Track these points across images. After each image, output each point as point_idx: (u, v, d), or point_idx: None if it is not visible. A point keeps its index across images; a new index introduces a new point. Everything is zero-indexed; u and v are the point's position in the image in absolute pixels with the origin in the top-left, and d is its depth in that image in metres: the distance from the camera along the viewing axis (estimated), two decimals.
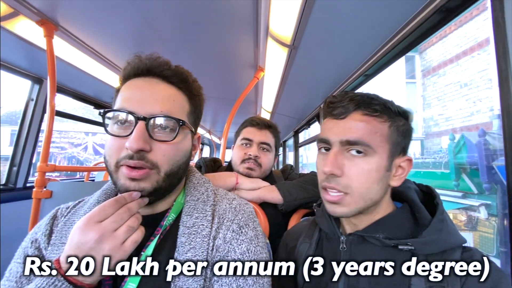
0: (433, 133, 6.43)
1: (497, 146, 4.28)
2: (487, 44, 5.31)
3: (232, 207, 0.59)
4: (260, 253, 0.54)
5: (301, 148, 3.64)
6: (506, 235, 3.99)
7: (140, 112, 0.50)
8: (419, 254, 0.51)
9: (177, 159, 0.54)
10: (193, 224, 0.53)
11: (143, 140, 0.49)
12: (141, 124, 0.49)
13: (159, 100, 0.52)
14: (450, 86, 6.31)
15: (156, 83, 0.54)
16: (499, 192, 4.13)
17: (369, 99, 0.56)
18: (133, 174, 0.49)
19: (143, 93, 0.52)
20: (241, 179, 1.02)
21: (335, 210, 0.56)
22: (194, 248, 0.51)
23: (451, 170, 5.34)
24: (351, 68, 1.30)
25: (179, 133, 0.53)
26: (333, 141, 0.56)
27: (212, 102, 2.80)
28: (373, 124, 0.55)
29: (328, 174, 0.55)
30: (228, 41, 1.43)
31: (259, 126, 1.10)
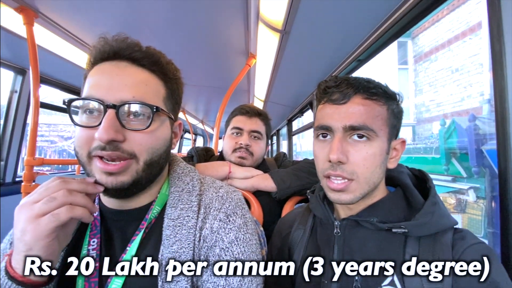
0: (425, 119, 6.51)
1: (487, 130, 4.36)
2: (479, 28, 5.31)
3: (219, 195, 0.57)
4: (249, 240, 0.53)
5: (294, 137, 3.65)
6: (494, 217, 4.13)
7: (109, 99, 0.46)
8: (412, 237, 0.52)
9: (157, 148, 0.50)
10: (178, 216, 0.51)
11: (113, 129, 0.45)
12: (111, 113, 0.45)
13: (129, 85, 0.48)
14: (442, 71, 6.33)
15: (125, 66, 0.49)
16: (488, 176, 4.23)
17: (366, 82, 0.56)
18: (109, 168, 0.46)
19: (112, 78, 0.47)
20: (234, 168, 1.02)
21: (341, 198, 0.55)
22: (179, 240, 0.49)
23: (441, 155, 5.45)
24: (344, 53, 1.28)
25: (154, 120, 0.49)
26: (336, 128, 0.55)
27: (204, 92, 2.75)
28: (374, 107, 0.55)
29: (335, 161, 0.53)
30: (218, 27, 1.38)
31: (249, 114, 1.08)
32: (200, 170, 0.97)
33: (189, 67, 1.99)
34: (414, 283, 0.48)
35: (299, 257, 0.65)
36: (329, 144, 0.56)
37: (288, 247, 0.69)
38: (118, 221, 0.53)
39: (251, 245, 0.53)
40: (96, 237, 0.52)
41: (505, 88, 0.64)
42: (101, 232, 0.52)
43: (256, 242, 0.56)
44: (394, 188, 0.61)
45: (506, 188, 0.62)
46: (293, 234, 0.69)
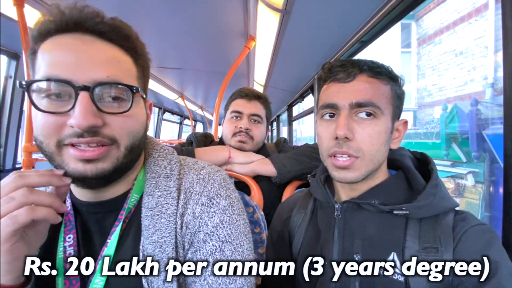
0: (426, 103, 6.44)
1: (489, 115, 4.32)
2: (486, 9, 5.13)
3: (200, 178, 0.52)
4: (236, 221, 0.50)
5: (294, 122, 3.62)
6: (492, 201, 4.18)
7: (79, 80, 0.39)
8: (413, 219, 0.52)
9: (137, 131, 0.46)
10: (156, 204, 0.48)
11: (92, 114, 0.39)
12: (85, 96, 0.39)
13: (101, 63, 0.41)
14: (446, 55, 6.20)
15: (91, 41, 0.42)
16: (487, 160, 4.22)
17: (371, 62, 0.56)
18: (87, 154, 0.41)
19: (78, 54, 0.40)
20: (234, 152, 1.01)
21: (346, 176, 0.55)
22: (159, 230, 0.46)
23: (442, 140, 5.45)
24: (346, 34, 1.23)
25: (133, 102, 0.44)
26: (342, 105, 0.55)
27: (203, 76, 2.69)
28: (379, 85, 0.55)
29: (341, 138, 0.53)
30: (216, 7, 1.32)
31: (249, 97, 1.06)
32: (199, 155, 0.96)
33: (187, 51, 1.93)
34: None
35: (299, 240, 0.65)
36: (334, 123, 0.56)
37: (288, 231, 0.70)
38: (94, 214, 0.49)
39: (239, 226, 0.51)
40: (72, 233, 0.48)
41: None
42: (76, 227, 0.49)
43: (245, 222, 0.53)
44: (396, 171, 0.61)
45: (510, 170, 0.61)
46: (293, 218, 0.69)
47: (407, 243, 0.51)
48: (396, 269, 0.50)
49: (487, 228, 0.49)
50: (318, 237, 0.62)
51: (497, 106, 4.50)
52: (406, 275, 0.48)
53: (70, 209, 0.50)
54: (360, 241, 0.55)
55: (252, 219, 0.89)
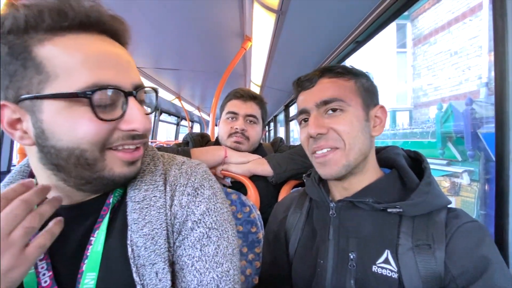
0: (422, 103, 6.49)
1: (483, 114, 4.38)
2: (480, 9, 5.19)
3: (182, 171, 0.53)
4: (220, 209, 0.52)
5: (291, 123, 3.62)
6: (487, 199, 4.21)
7: (126, 85, 0.41)
8: (407, 216, 0.53)
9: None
10: (144, 197, 0.48)
11: (148, 119, 0.43)
12: (133, 100, 0.42)
13: (134, 66, 0.43)
14: (441, 54, 6.25)
15: (111, 42, 0.42)
16: (482, 159, 4.30)
17: (330, 67, 0.61)
18: (135, 154, 0.44)
19: (116, 58, 0.40)
20: (230, 152, 1.01)
21: (325, 171, 0.58)
22: (150, 222, 0.46)
23: (437, 139, 5.50)
24: (342, 34, 1.24)
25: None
26: (310, 107, 0.59)
27: (199, 77, 2.68)
28: (340, 83, 0.59)
29: (314, 135, 0.57)
30: (211, 7, 1.32)
31: (244, 98, 1.06)
32: (195, 155, 0.96)
33: (183, 51, 1.93)
34: (408, 260, 0.49)
35: (295, 240, 0.66)
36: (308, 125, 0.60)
37: (284, 231, 0.70)
38: (74, 217, 0.46)
39: (223, 214, 0.52)
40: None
41: (505, 67, 0.63)
42: None
43: (228, 211, 0.54)
44: (390, 170, 0.62)
45: (502, 169, 0.62)
46: (289, 218, 0.70)
47: (400, 240, 0.51)
48: (390, 266, 0.51)
49: (479, 225, 0.50)
50: (314, 236, 0.62)
51: (491, 105, 4.53)
52: (400, 272, 0.49)
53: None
54: (355, 239, 0.55)
55: (249, 218, 0.89)
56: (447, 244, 0.48)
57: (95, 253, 0.44)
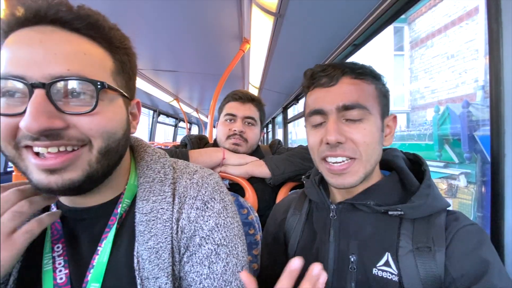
0: (419, 105, 6.53)
1: (480, 116, 4.42)
2: (476, 13, 5.24)
3: (193, 182, 0.51)
4: (231, 225, 0.50)
5: (289, 125, 3.62)
6: (483, 201, 4.22)
7: (34, 76, 0.35)
8: (407, 219, 0.53)
9: (113, 132, 0.41)
10: (151, 209, 0.46)
11: (45, 116, 0.34)
12: (39, 94, 0.34)
13: (61, 56, 0.36)
14: (437, 57, 6.28)
15: (52, 32, 0.37)
16: (479, 161, 4.31)
17: (352, 64, 0.56)
18: (48, 163, 0.36)
19: (34, 48, 0.35)
20: (228, 154, 1.01)
21: (344, 181, 0.54)
22: (155, 235, 0.44)
23: (434, 141, 5.52)
24: (339, 37, 1.24)
25: (100, 100, 0.38)
26: (329, 109, 0.54)
27: (198, 79, 2.68)
28: (363, 86, 0.55)
29: (333, 142, 0.52)
30: (210, 10, 1.32)
31: (242, 100, 1.06)
32: (193, 156, 0.96)
33: (182, 53, 1.93)
34: (408, 263, 0.49)
35: (295, 242, 0.65)
36: (323, 129, 0.56)
37: (283, 233, 0.70)
38: (82, 221, 0.46)
39: (233, 229, 0.50)
40: (60, 242, 0.45)
41: (501, 70, 0.63)
42: (64, 236, 0.46)
43: (239, 225, 0.53)
44: (389, 172, 0.62)
45: (497, 171, 0.62)
46: (288, 220, 0.69)
47: (401, 242, 0.51)
48: (391, 269, 0.50)
49: (478, 228, 0.50)
50: (314, 238, 0.62)
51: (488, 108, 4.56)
52: (400, 275, 0.49)
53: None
54: (356, 241, 0.55)
55: (247, 220, 0.89)
56: (447, 246, 0.48)
57: (100, 264, 0.43)
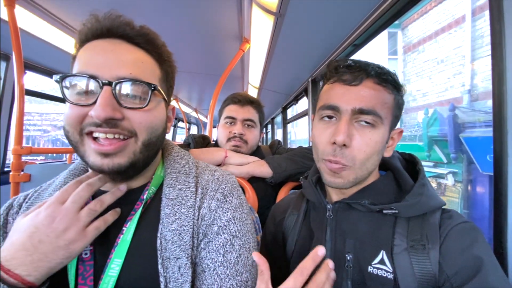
0: (411, 108, 6.58)
1: (465, 119, 4.50)
2: (463, 21, 5.30)
3: (214, 178, 0.55)
4: (245, 220, 0.53)
5: (289, 125, 3.59)
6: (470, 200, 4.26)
7: (104, 75, 0.43)
8: (402, 217, 0.52)
9: (156, 128, 0.48)
10: (177, 195, 0.50)
11: (111, 107, 0.42)
12: (107, 90, 0.42)
13: (125, 63, 0.44)
14: (428, 62, 6.35)
15: (120, 43, 0.46)
16: (465, 161, 4.40)
17: (378, 68, 0.53)
18: (104, 148, 0.43)
19: (106, 54, 0.44)
20: (230, 153, 0.98)
21: (335, 181, 0.54)
22: (179, 219, 0.48)
23: (424, 142, 5.59)
24: (340, 37, 1.21)
25: (151, 100, 0.46)
26: (344, 109, 0.52)
27: (197, 78, 2.64)
28: (383, 94, 0.52)
29: (340, 144, 0.51)
30: (210, 9, 1.27)
31: (241, 103, 1.04)
32: (195, 155, 0.93)
33: (181, 52, 1.88)
34: (403, 260, 0.48)
35: (293, 241, 0.64)
36: (333, 126, 0.54)
37: (282, 233, 0.68)
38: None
39: (247, 224, 0.53)
40: None
41: (503, 70, 0.61)
42: None
43: (251, 222, 0.55)
44: (385, 172, 0.60)
45: (500, 171, 0.59)
46: (286, 220, 0.68)
47: (396, 241, 0.50)
48: (386, 267, 0.49)
49: (472, 226, 0.49)
50: (311, 237, 0.60)
51: (473, 111, 4.66)
52: (395, 273, 0.48)
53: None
54: (352, 240, 0.54)
55: None
56: (441, 244, 0.47)
57: (124, 242, 0.46)
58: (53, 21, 1.39)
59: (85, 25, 0.46)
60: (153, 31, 0.50)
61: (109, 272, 0.44)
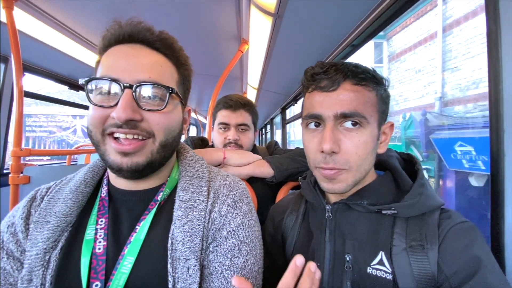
0: (394, 111, 6.73)
1: (435, 122, 4.79)
2: (436, 36, 5.55)
3: (226, 183, 0.54)
4: (253, 226, 0.52)
5: (288, 125, 3.52)
6: (440, 191, 4.57)
7: (126, 79, 0.43)
8: (401, 218, 0.49)
9: (172, 129, 0.48)
10: (190, 198, 0.49)
11: (131, 109, 0.42)
12: (128, 92, 0.42)
13: (145, 66, 0.44)
14: (409, 71, 6.54)
15: (141, 48, 0.46)
16: (436, 159, 4.66)
17: (355, 67, 0.50)
18: (124, 147, 0.43)
19: (128, 59, 0.44)
20: (229, 153, 0.89)
21: (334, 187, 0.51)
22: (191, 221, 0.47)
23: (402, 143, 5.82)
24: (338, 38, 1.14)
25: (169, 102, 0.46)
26: (327, 116, 0.49)
27: (196, 79, 2.52)
28: (364, 93, 0.49)
29: (328, 152, 0.48)
30: (208, 10, 1.20)
31: (233, 108, 0.97)
32: None
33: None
34: (402, 261, 0.46)
35: (292, 242, 0.61)
36: (320, 134, 0.51)
37: (281, 233, 0.65)
38: (127, 201, 0.50)
39: (255, 231, 0.51)
40: (104, 217, 0.49)
41: (500, 70, 0.56)
42: (109, 212, 0.50)
43: (258, 229, 0.53)
44: (383, 172, 0.57)
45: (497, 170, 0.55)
46: (285, 220, 0.65)
47: (395, 241, 0.47)
48: (385, 267, 0.47)
49: (470, 226, 0.46)
50: (310, 238, 0.58)
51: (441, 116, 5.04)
52: (394, 273, 0.45)
53: (106, 195, 0.51)
54: (351, 241, 0.51)
55: None
56: (440, 244, 0.45)
57: (137, 240, 0.45)
58: (52, 23, 1.30)
59: (109, 31, 0.46)
60: (171, 36, 0.50)
61: (121, 269, 0.43)
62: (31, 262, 0.43)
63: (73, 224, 0.48)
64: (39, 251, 0.44)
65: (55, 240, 0.45)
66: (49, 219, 0.47)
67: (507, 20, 0.55)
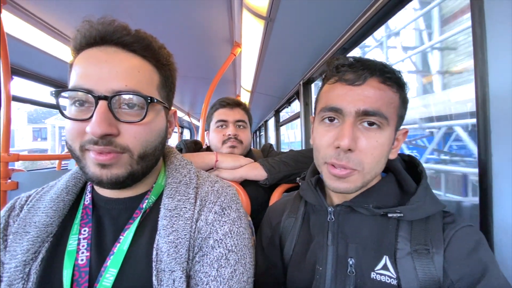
0: None
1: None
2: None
3: (214, 189, 0.55)
4: (242, 234, 0.52)
5: (282, 128, 3.61)
6: None
7: (100, 89, 0.42)
8: (405, 221, 0.50)
9: (151, 140, 0.47)
10: (175, 206, 0.49)
11: (107, 123, 0.41)
12: (103, 105, 0.41)
13: (121, 74, 0.43)
14: None
15: (115, 52, 0.44)
16: None
17: (382, 65, 0.50)
18: (101, 158, 0.42)
19: (101, 66, 0.43)
20: (221, 157, 0.97)
21: (340, 186, 0.51)
22: (176, 230, 0.47)
23: None
24: (329, 41, 1.23)
25: (149, 111, 0.45)
26: (348, 111, 0.49)
27: (189, 82, 2.62)
28: (388, 93, 0.49)
29: (345, 148, 0.48)
30: (200, 13, 1.29)
31: (230, 105, 1.07)
32: None
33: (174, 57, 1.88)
34: (406, 265, 0.47)
35: (291, 246, 0.62)
36: (336, 129, 0.51)
37: (279, 236, 0.66)
38: (110, 210, 0.50)
39: (244, 239, 0.52)
40: (88, 226, 0.49)
41: (486, 72, 0.62)
42: (92, 221, 0.50)
43: (248, 236, 0.54)
44: (385, 173, 0.59)
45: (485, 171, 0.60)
46: (284, 223, 0.66)
47: (399, 245, 0.49)
48: (389, 272, 0.48)
49: (475, 230, 0.48)
50: (311, 242, 0.58)
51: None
52: (399, 278, 0.46)
53: (89, 203, 0.51)
54: (354, 245, 0.52)
55: None
56: (445, 249, 0.46)
57: (120, 251, 0.45)
58: (41, 26, 1.38)
59: (79, 32, 0.44)
60: (149, 34, 0.48)
61: (103, 282, 0.44)
62: (10, 275, 0.43)
63: (54, 234, 0.48)
64: (18, 263, 0.44)
65: (35, 252, 0.45)
66: (29, 230, 0.46)
67: (492, 21, 0.61)
